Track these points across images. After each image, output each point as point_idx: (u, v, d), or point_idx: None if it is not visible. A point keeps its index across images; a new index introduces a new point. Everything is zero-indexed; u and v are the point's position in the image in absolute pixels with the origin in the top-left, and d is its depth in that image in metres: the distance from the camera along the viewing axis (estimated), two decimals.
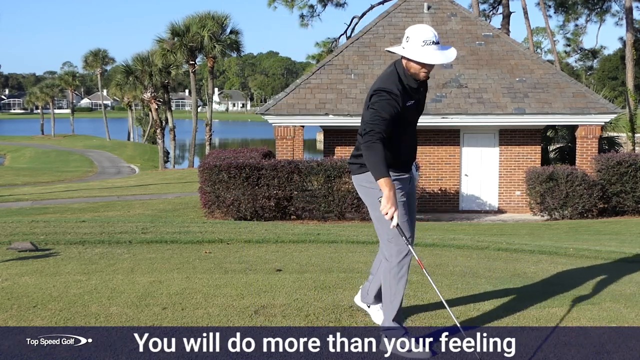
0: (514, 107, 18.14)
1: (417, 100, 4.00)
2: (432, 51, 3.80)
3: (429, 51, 3.80)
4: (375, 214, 3.96)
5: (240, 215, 16.38)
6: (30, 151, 60.98)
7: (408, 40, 3.85)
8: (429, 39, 3.79)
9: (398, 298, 4.01)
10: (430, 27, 3.88)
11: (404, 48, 3.85)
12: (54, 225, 8.73)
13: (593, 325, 4.37)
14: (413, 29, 3.87)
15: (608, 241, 10.68)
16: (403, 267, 4.01)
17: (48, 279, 5.43)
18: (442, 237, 8.74)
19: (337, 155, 18.84)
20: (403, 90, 3.88)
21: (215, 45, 39.07)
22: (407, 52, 3.84)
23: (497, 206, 19.30)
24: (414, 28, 3.88)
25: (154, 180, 31.77)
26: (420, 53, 3.80)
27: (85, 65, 78.43)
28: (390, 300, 4.02)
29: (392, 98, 3.82)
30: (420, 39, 3.80)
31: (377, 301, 4.33)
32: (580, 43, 52.02)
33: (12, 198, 22.93)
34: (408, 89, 3.91)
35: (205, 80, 72.15)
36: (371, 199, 4.01)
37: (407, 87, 3.91)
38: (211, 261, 6.33)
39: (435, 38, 3.82)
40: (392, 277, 4.01)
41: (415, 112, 4.01)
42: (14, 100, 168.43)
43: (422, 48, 3.80)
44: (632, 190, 17.27)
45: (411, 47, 3.82)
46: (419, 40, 3.81)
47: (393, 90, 3.85)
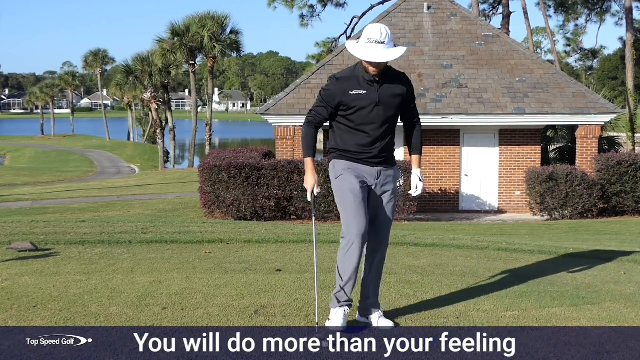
0: (514, 107, 18.15)
1: (371, 93, 4.17)
2: (371, 49, 4.05)
3: (368, 48, 4.06)
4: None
5: (240, 215, 16.38)
6: (30, 151, 60.99)
7: (360, 37, 4.15)
8: (373, 38, 4.06)
9: (345, 276, 4.23)
10: (383, 27, 4.11)
11: (357, 43, 4.14)
12: (54, 225, 8.73)
13: (593, 325, 4.37)
14: (366, 27, 4.15)
15: (608, 241, 10.69)
16: (347, 249, 4.19)
17: (48, 279, 5.43)
18: (442, 237, 8.74)
19: None
20: (354, 78, 4.18)
21: (215, 45, 39.07)
22: (349, 46, 4.17)
23: (497, 206, 19.30)
24: (367, 26, 4.16)
25: (154, 180, 31.77)
26: (359, 49, 4.09)
27: (85, 65, 78.43)
28: (340, 276, 4.25)
29: (334, 84, 4.19)
30: (366, 37, 4.09)
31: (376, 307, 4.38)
32: (580, 43, 52.03)
33: (12, 198, 22.94)
34: (361, 79, 4.18)
35: (205, 80, 72.16)
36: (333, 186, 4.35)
37: (360, 77, 4.18)
38: (211, 261, 6.33)
39: (381, 38, 4.05)
40: (341, 255, 4.25)
41: (369, 104, 4.18)
42: (14, 100, 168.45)
43: (365, 45, 4.07)
44: (632, 190, 17.28)
45: (359, 43, 4.12)
46: (364, 38, 4.10)
47: (341, 75, 4.21)
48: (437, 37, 20.01)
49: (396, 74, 4.29)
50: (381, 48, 4.05)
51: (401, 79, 4.29)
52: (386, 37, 4.07)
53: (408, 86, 4.31)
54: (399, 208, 16.85)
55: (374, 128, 4.22)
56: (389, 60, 4.06)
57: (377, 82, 4.18)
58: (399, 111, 4.33)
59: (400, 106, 4.30)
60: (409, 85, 4.32)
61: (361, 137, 4.23)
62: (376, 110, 4.19)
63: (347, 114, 4.21)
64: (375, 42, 4.05)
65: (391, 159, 4.36)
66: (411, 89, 4.35)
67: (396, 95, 4.25)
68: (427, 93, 18.50)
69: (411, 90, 4.34)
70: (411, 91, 4.34)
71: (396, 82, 4.25)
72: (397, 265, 6.25)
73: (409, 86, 4.32)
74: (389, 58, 4.05)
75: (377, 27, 4.10)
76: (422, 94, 18.47)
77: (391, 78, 4.23)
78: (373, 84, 4.18)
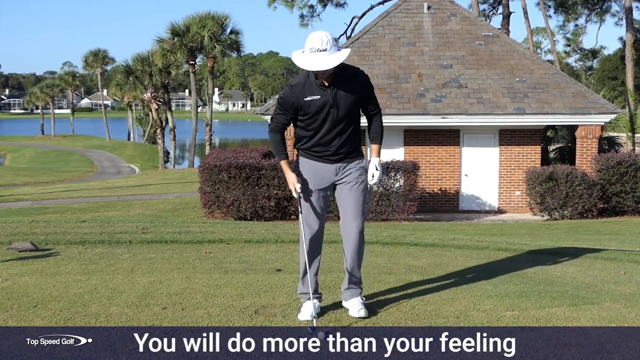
0: (514, 107, 18.15)
1: (325, 98, 4.31)
2: (313, 58, 4.16)
3: (311, 58, 4.17)
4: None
5: (240, 215, 16.38)
6: (30, 151, 60.99)
7: (305, 46, 4.26)
8: (315, 47, 4.16)
9: (301, 268, 4.57)
10: (324, 34, 4.20)
11: (302, 53, 4.27)
12: (54, 225, 8.73)
13: (593, 325, 4.37)
14: (308, 37, 4.25)
15: (608, 241, 10.69)
16: (301, 238, 4.51)
17: (48, 279, 5.43)
18: (442, 237, 8.74)
19: None
20: (307, 83, 4.32)
21: (215, 45, 39.07)
22: (295, 57, 4.31)
23: (497, 206, 19.30)
24: (309, 35, 4.25)
25: (154, 180, 31.78)
26: (303, 60, 4.23)
27: (85, 65, 78.44)
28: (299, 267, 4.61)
29: (288, 92, 4.36)
30: (308, 47, 4.21)
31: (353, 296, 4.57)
32: (580, 43, 52.06)
33: (12, 198, 22.94)
34: (313, 84, 4.32)
35: (205, 80, 72.17)
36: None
37: (312, 82, 4.32)
38: (211, 261, 6.33)
39: (322, 45, 4.15)
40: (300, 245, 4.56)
41: (323, 108, 4.33)
42: (14, 100, 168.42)
43: (308, 55, 4.20)
44: (632, 190, 17.28)
45: (304, 53, 4.25)
46: (307, 48, 4.22)
47: (294, 82, 4.37)
48: (437, 37, 20.01)
49: (350, 72, 4.39)
50: (324, 56, 4.15)
51: (355, 76, 4.40)
52: (327, 44, 4.17)
53: (363, 82, 4.43)
54: (399, 208, 16.86)
55: (330, 128, 4.39)
56: (331, 67, 4.16)
57: (329, 86, 4.31)
58: (357, 108, 4.46)
59: (357, 104, 4.43)
60: (363, 81, 4.44)
61: (318, 136, 4.42)
62: (332, 112, 4.35)
63: (304, 118, 4.40)
64: (317, 50, 4.16)
65: (353, 153, 4.51)
66: (367, 84, 4.46)
67: (351, 95, 4.37)
68: (427, 93, 18.50)
69: (367, 86, 4.46)
70: (367, 86, 4.46)
71: (350, 81, 4.37)
72: (397, 265, 6.25)
73: (364, 82, 4.44)
74: (331, 65, 4.16)
75: (317, 35, 4.20)
76: (422, 94, 18.47)
77: (344, 78, 4.35)
78: (326, 88, 4.32)
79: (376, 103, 4.56)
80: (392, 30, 20.19)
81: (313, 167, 4.50)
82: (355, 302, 4.54)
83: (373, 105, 4.53)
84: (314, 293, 4.53)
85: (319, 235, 4.51)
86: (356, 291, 4.60)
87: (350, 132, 4.46)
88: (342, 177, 4.51)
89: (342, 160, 4.48)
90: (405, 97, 18.36)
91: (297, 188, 4.42)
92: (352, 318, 4.45)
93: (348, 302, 4.58)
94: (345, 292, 4.63)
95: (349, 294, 4.60)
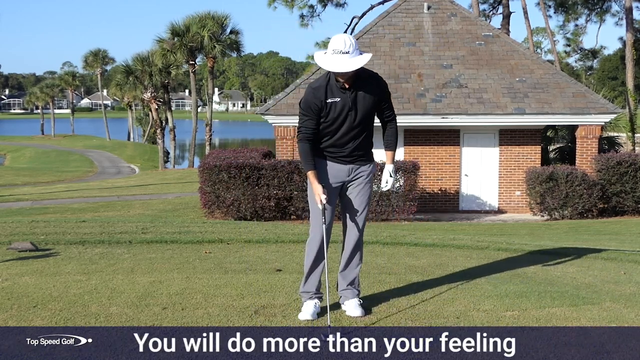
0: (514, 107, 18.14)
1: (344, 100, 4.37)
2: (336, 59, 4.22)
3: (333, 59, 4.23)
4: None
5: (240, 215, 16.38)
6: (30, 151, 60.98)
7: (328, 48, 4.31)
8: (338, 48, 4.22)
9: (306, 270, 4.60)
10: (347, 37, 4.28)
11: (324, 54, 4.31)
12: (54, 225, 8.73)
13: (593, 325, 4.37)
14: (332, 38, 4.31)
15: (608, 241, 10.68)
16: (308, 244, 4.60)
17: (48, 279, 5.43)
18: (442, 237, 8.74)
19: None
20: (329, 87, 4.37)
21: (215, 45, 39.06)
22: (317, 58, 4.35)
23: (497, 206, 19.30)
24: (333, 37, 4.32)
25: (154, 180, 31.78)
26: (325, 61, 4.27)
27: (85, 65, 78.41)
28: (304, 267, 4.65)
29: (311, 94, 4.37)
30: (331, 48, 4.26)
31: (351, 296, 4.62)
32: (580, 43, 52.02)
33: (12, 198, 22.94)
34: (334, 86, 4.37)
35: (205, 80, 72.14)
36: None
37: (333, 85, 4.37)
38: (211, 261, 6.33)
39: (345, 48, 4.22)
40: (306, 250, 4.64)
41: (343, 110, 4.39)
42: (14, 100, 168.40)
43: (331, 56, 4.24)
44: (632, 190, 17.28)
45: (326, 54, 4.29)
46: (330, 50, 4.27)
47: (316, 85, 4.39)
48: (437, 37, 20.01)
49: (369, 76, 4.46)
50: (346, 58, 4.22)
51: (374, 81, 4.48)
52: (350, 47, 4.23)
53: (381, 87, 4.50)
54: (399, 208, 16.85)
55: (347, 131, 4.44)
56: (353, 69, 4.22)
57: (349, 89, 4.37)
58: (374, 112, 4.52)
59: (374, 108, 4.49)
60: (382, 86, 4.51)
61: (335, 138, 4.47)
62: (350, 114, 4.41)
63: (323, 119, 4.43)
64: (340, 52, 4.22)
65: (365, 156, 4.58)
66: (384, 89, 4.52)
67: (369, 99, 4.44)
68: (427, 93, 18.50)
69: (384, 91, 4.52)
70: (384, 92, 4.52)
71: (369, 85, 4.44)
72: (397, 265, 6.25)
73: (382, 87, 4.51)
74: (353, 67, 4.22)
75: (341, 37, 4.28)
76: (422, 94, 18.47)
77: (363, 81, 4.42)
78: (345, 91, 4.38)
79: (392, 109, 4.61)
80: (392, 30, 20.19)
81: (327, 167, 4.55)
82: (353, 302, 4.58)
83: (389, 110, 4.59)
84: (316, 292, 4.58)
85: (328, 234, 4.53)
86: (354, 292, 4.64)
87: (365, 135, 4.52)
88: (354, 179, 4.58)
89: (355, 162, 4.54)
90: (405, 97, 18.36)
91: (323, 199, 4.41)
92: (352, 318, 4.46)
93: (345, 304, 4.62)
94: (343, 292, 4.66)
95: (347, 294, 4.64)
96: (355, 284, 4.66)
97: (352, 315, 4.49)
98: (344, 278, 4.67)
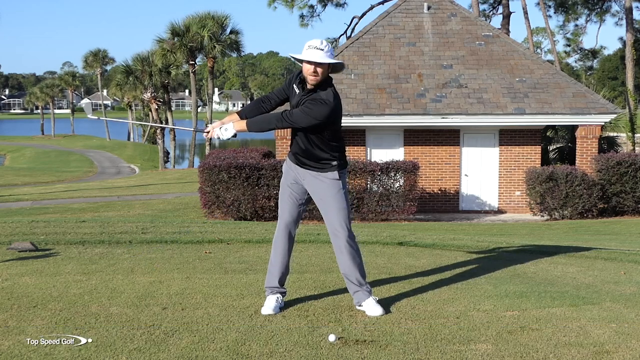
0: (514, 107, 18.15)
1: (298, 97, 4.56)
2: (307, 52, 4.44)
3: (305, 51, 4.46)
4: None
5: (240, 215, 16.38)
6: (30, 151, 61.00)
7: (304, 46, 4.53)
8: (312, 44, 4.47)
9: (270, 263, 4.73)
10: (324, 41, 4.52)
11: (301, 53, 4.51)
12: (54, 225, 8.72)
13: (593, 325, 4.37)
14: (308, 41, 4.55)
15: (608, 241, 10.68)
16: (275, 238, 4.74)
17: (48, 279, 5.43)
18: (442, 237, 8.74)
19: None
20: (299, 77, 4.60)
21: (215, 45, 39.07)
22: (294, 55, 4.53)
23: (497, 206, 19.30)
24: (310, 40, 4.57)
25: (154, 180, 31.78)
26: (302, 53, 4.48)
27: (85, 65, 78.47)
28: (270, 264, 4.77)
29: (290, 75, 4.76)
30: (306, 45, 4.50)
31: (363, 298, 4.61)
32: (580, 43, 52.07)
33: (12, 198, 22.94)
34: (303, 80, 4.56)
35: (205, 80, 72.17)
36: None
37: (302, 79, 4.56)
38: (211, 261, 6.33)
39: (321, 45, 4.45)
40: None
41: (291, 104, 4.65)
42: (14, 100, 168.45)
43: (307, 50, 4.47)
44: (632, 190, 17.28)
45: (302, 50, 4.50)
46: (305, 46, 4.50)
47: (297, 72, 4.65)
48: (437, 37, 20.01)
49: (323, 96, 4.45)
50: (321, 52, 4.43)
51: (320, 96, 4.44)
52: (326, 46, 4.46)
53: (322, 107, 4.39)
54: (399, 208, 16.86)
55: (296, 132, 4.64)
56: (323, 62, 4.38)
57: (307, 92, 4.51)
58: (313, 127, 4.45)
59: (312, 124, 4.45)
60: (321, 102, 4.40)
61: (294, 140, 4.70)
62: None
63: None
64: (315, 47, 4.44)
65: (314, 166, 4.61)
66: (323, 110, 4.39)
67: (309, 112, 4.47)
68: (427, 93, 18.50)
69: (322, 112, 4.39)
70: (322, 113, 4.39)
71: (317, 100, 4.45)
72: (397, 265, 6.25)
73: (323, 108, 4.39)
74: (324, 60, 4.39)
75: (318, 40, 4.52)
76: (422, 94, 18.47)
77: (317, 95, 4.48)
78: (303, 91, 4.56)
79: (296, 113, 4.45)
80: (392, 30, 20.19)
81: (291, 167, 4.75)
82: (370, 302, 4.58)
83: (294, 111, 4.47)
84: (279, 287, 4.69)
85: (287, 230, 4.68)
86: (365, 293, 4.63)
87: (311, 144, 4.55)
88: (309, 187, 4.66)
89: (303, 166, 4.66)
90: (405, 97, 18.36)
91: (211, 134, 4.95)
92: (352, 318, 4.46)
93: (363, 305, 4.60)
94: (355, 294, 4.66)
95: (360, 296, 4.63)
96: (362, 284, 4.64)
97: (373, 315, 4.47)
98: (347, 278, 4.68)
